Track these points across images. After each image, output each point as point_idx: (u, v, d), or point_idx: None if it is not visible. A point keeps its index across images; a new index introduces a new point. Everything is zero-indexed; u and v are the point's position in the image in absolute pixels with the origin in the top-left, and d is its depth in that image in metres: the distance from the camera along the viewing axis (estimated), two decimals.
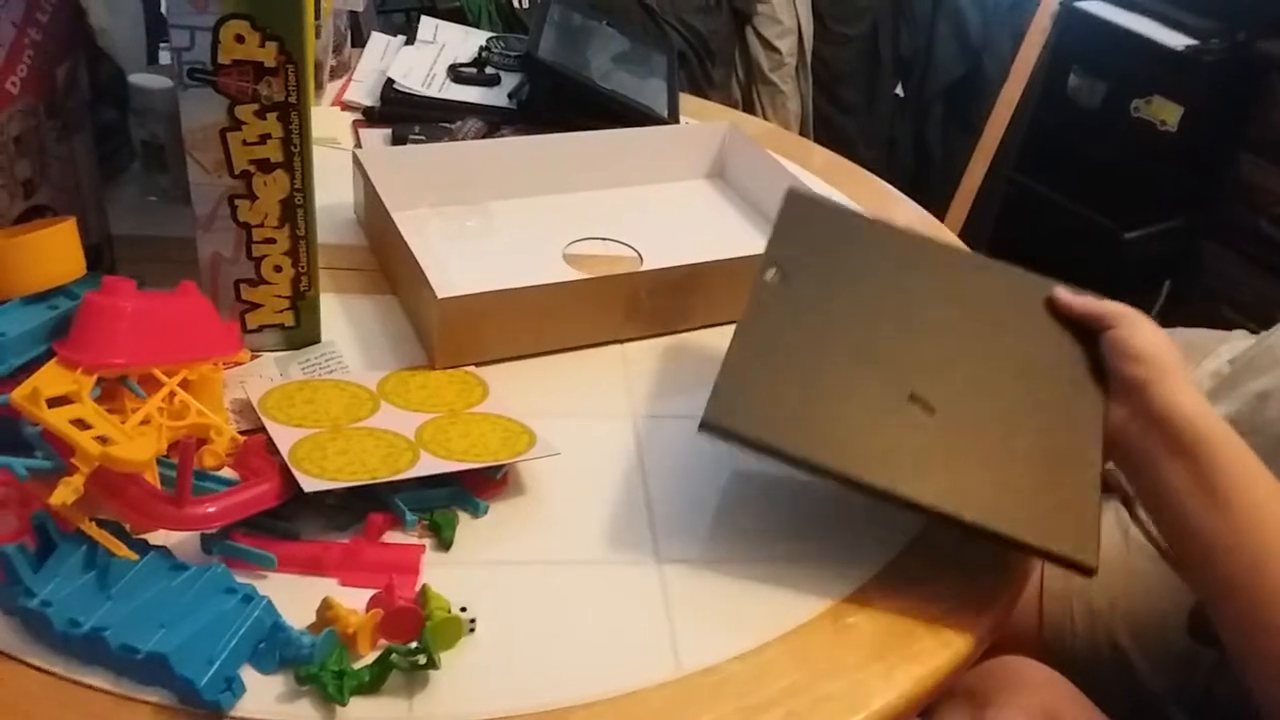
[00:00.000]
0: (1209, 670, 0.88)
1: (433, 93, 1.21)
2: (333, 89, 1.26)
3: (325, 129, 1.16)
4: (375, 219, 0.95)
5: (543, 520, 0.72)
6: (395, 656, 0.58)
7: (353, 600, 0.62)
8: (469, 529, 0.70)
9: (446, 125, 1.16)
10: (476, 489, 0.72)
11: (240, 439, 0.72)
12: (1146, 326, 0.74)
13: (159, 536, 0.64)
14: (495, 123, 1.18)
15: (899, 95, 2.53)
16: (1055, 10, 2.23)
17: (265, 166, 0.75)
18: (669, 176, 1.14)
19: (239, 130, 0.74)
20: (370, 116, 1.21)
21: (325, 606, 0.61)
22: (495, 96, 1.23)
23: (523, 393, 0.81)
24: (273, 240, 0.79)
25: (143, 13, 1.13)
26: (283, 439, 0.70)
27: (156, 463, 0.65)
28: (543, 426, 0.76)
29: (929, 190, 2.38)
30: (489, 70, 1.26)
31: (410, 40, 1.32)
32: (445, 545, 0.69)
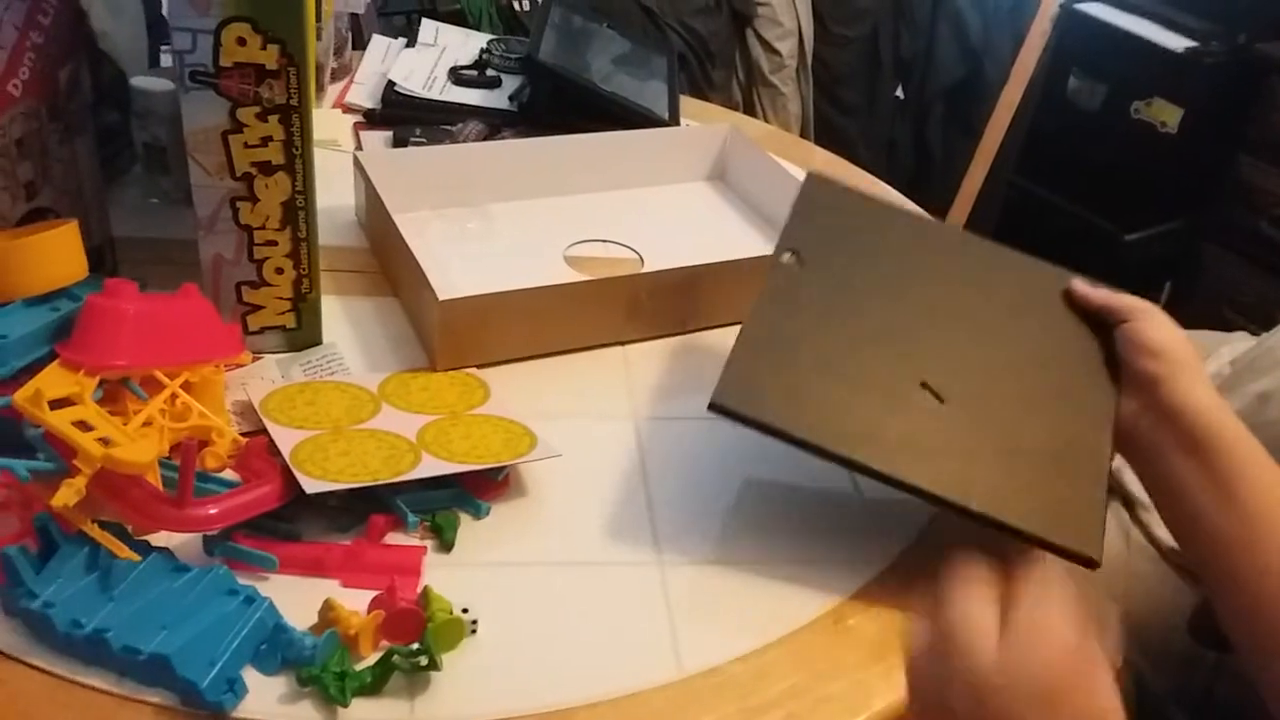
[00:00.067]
0: (1210, 671, 0.88)
1: (433, 95, 1.21)
2: (334, 91, 1.26)
3: (326, 131, 1.16)
4: (376, 221, 0.96)
5: (544, 522, 0.72)
6: (397, 658, 0.59)
7: (354, 602, 0.62)
8: (470, 530, 0.70)
9: (447, 127, 1.17)
10: (478, 490, 0.72)
11: (242, 441, 0.72)
12: (1163, 321, 0.73)
13: (161, 538, 0.65)
14: (496, 125, 1.19)
15: (899, 97, 2.53)
16: (1055, 12, 2.23)
17: (267, 169, 0.76)
18: (670, 178, 1.14)
19: (240, 133, 0.74)
20: (371, 119, 1.21)
21: (327, 608, 0.61)
22: (496, 99, 1.23)
23: (524, 394, 0.81)
24: (274, 242, 0.79)
25: (144, 15, 1.14)
26: (284, 441, 0.70)
27: (158, 464, 0.65)
28: (544, 428, 0.76)
29: (929, 192, 2.38)
30: (489, 73, 1.26)
31: (411, 43, 1.32)
32: (447, 547, 0.69)
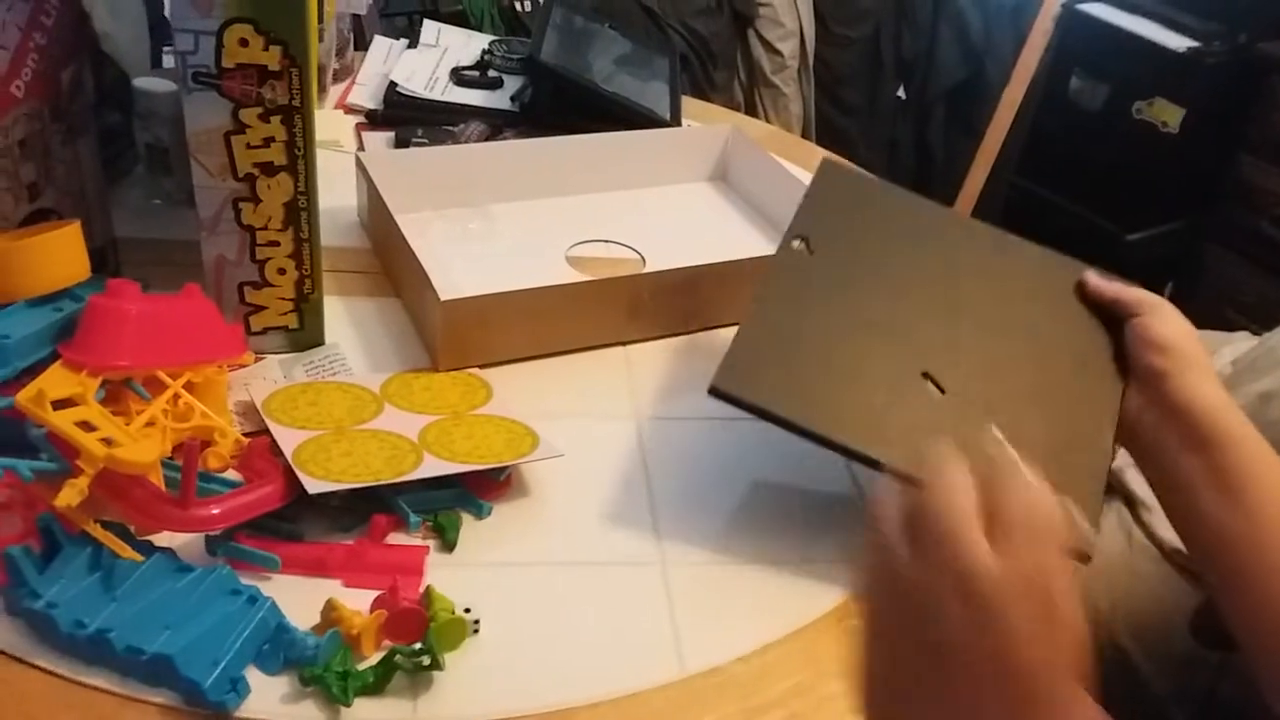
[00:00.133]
0: (1212, 672, 0.88)
1: (435, 96, 1.22)
2: (336, 92, 1.26)
3: (328, 132, 1.16)
4: (378, 222, 0.96)
5: (546, 522, 0.73)
6: (399, 657, 0.59)
7: (357, 601, 0.62)
8: (473, 530, 0.70)
9: (449, 128, 1.17)
10: (480, 490, 0.72)
11: (244, 441, 0.72)
12: (1173, 317, 0.73)
13: (164, 538, 0.65)
14: (498, 125, 1.19)
15: (901, 98, 2.53)
16: (1057, 13, 2.23)
17: (269, 169, 0.76)
18: (671, 179, 1.14)
19: (243, 133, 0.74)
20: (373, 120, 1.21)
21: (330, 608, 0.61)
22: (498, 99, 1.23)
23: (526, 394, 0.81)
24: (276, 243, 0.79)
25: (146, 17, 1.14)
26: (287, 441, 0.70)
27: (161, 465, 0.65)
28: (546, 428, 0.76)
29: (930, 193, 2.36)
30: (491, 73, 1.26)
31: (413, 43, 1.32)
32: (449, 547, 0.69)
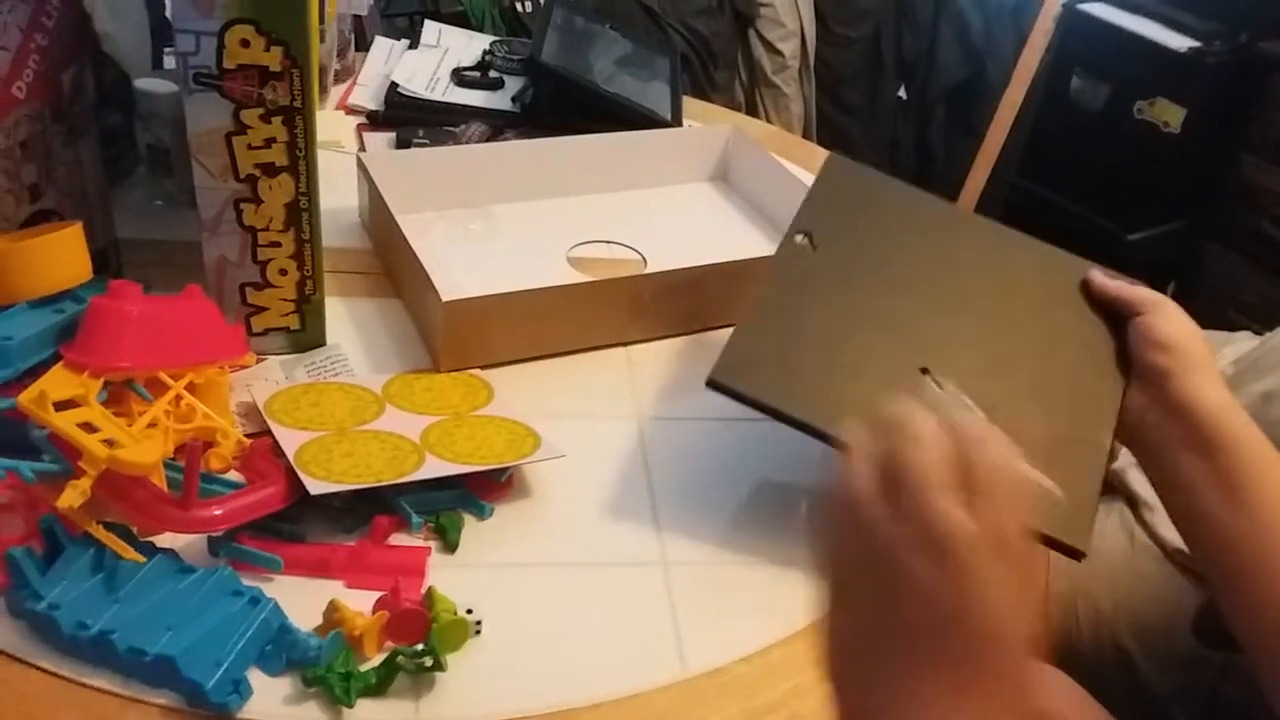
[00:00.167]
0: (1214, 672, 0.88)
1: (436, 96, 1.22)
2: (337, 93, 1.26)
3: (330, 133, 1.16)
4: (380, 222, 0.96)
5: (548, 522, 0.73)
6: (402, 658, 0.59)
7: (359, 602, 0.62)
8: (474, 531, 0.70)
9: (450, 129, 1.17)
10: (482, 491, 0.72)
11: (246, 442, 0.72)
12: (1177, 316, 0.73)
13: (166, 539, 0.65)
14: (499, 126, 1.19)
15: (901, 98, 2.53)
16: (1058, 13, 2.23)
17: (270, 170, 0.76)
18: (672, 179, 1.14)
19: (244, 134, 0.74)
20: (374, 120, 1.21)
21: (332, 609, 0.61)
22: (499, 100, 1.23)
23: (527, 395, 0.81)
24: (278, 244, 0.79)
25: (147, 18, 1.14)
26: (288, 442, 0.70)
27: (163, 466, 0.65)
28: (548, 429, 0.76)
29: (931, 192, 2.38)
30: (492, 74, 1.26)
31: (414, 44, 1.32)
32: (451, 547, 0.69)
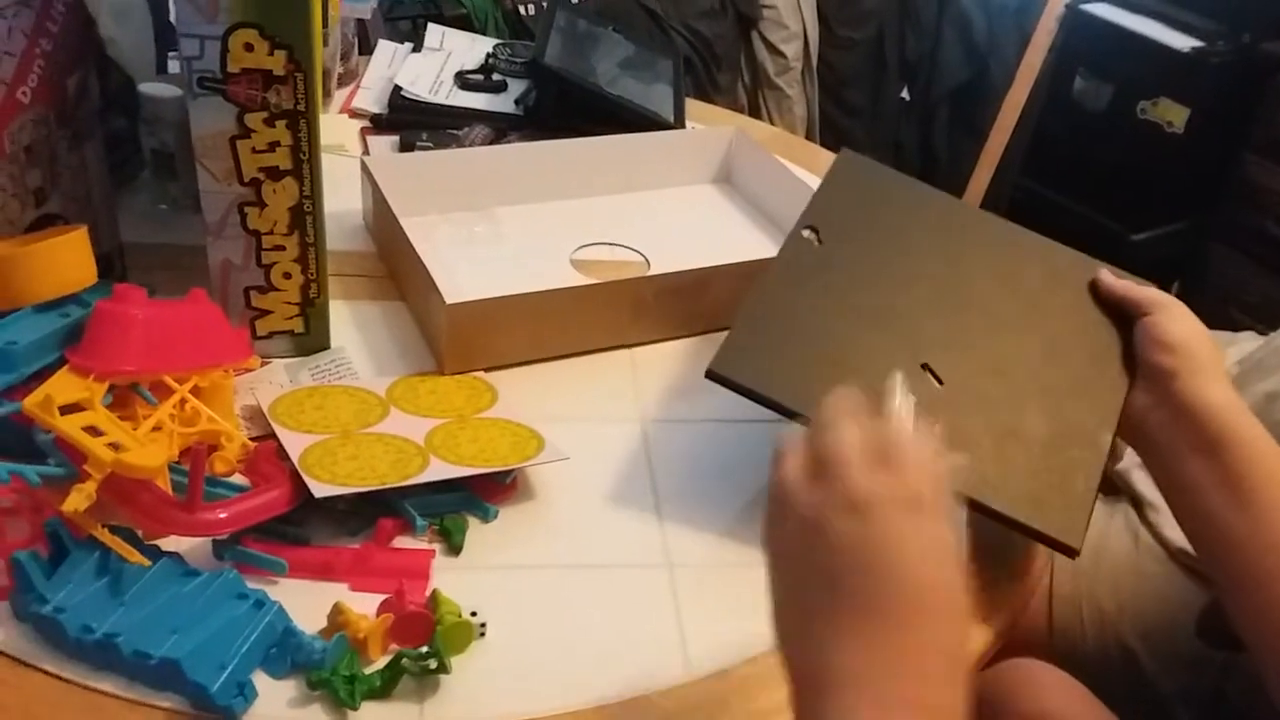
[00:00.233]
0: (1218, 672, 0.88)
1: (440, 100, 1.22)
2: (340, 96, 1.26)
3: (333, 136, 1.16)
4: (383, 225, 0.96)
5: (552, 524, 0.73)
6: (406, 661, 0.59)
7: (363, 605, 0.62)
8: (479, 534, 0.70)
9: (454, 132, 1.17)
10: (486, 494, 0.72)
11: (251, 445, 0.72)
12: (1182, 316, 0.73)
13: (171, 543, 0.65)
14: (502, 129, 1.19)
15: (905, 99, 2.53)
16: (1061, 13, 2.23)
17: (274, 174, 0.76)
18: (675, 181, 1.14)
19: (248, 138, 0.74)
20: (378, 124, 1.21)
21: (336, 611, 0.61)
22: (502, 103, 1.23)
23: (531, 397, 0.81)
24: (282, 247, 0.79)
25: (151, 22, 1.14)
26: (293, 445, 0.71)
27: (168, 469, 0.65)
28: (551, 431, 0.76)
29: None
30: (495, 77, 1.26)
31: (417, 47, 1.32)
32: (455, 550, 0.69)
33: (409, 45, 1.33)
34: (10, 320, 0.70)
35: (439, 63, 1.29)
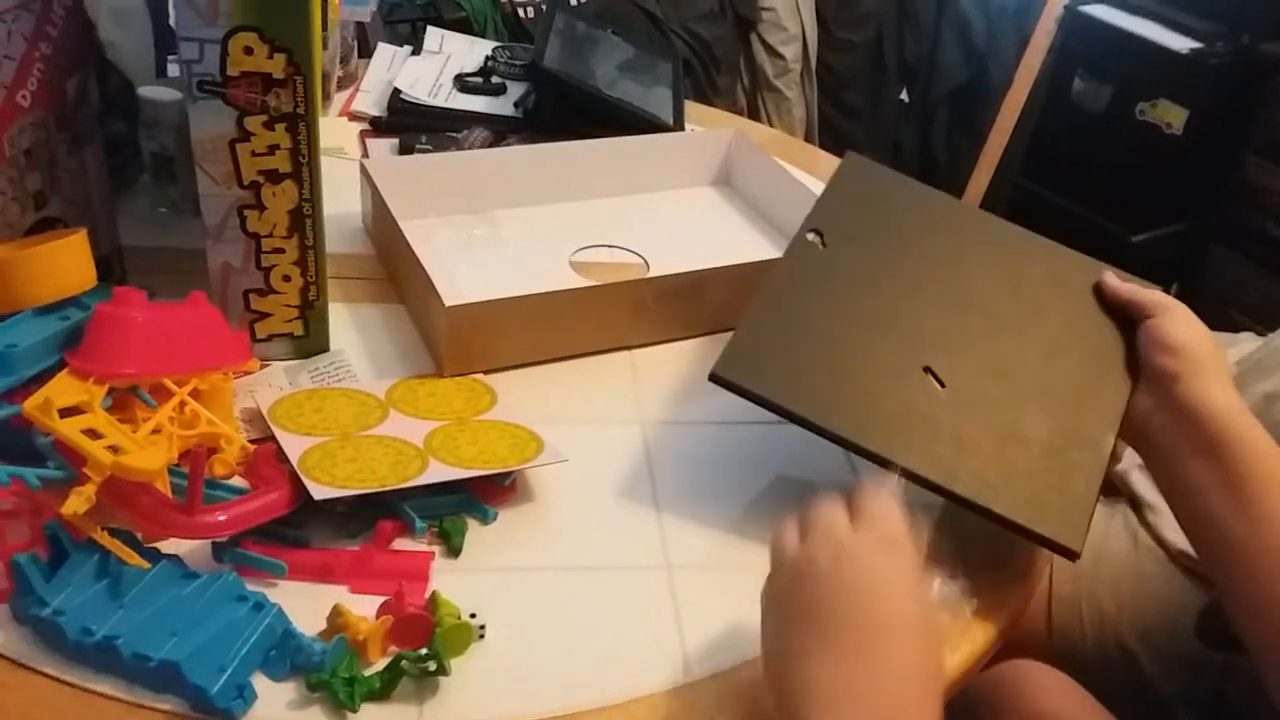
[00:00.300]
0: (1218, 672, 0.88)
1: (439, 102, 1.22)
2: (340, 99, 1.26)
3: (333, 139, 1.16)
4: (383, 228, 0.96)
5: (551, 526, 0.73)
6: (406, 663, 0.59)
7: (363, 607, 0.62)
8: (478, 536, 0.70)
9: (453, 135, 1.17)
10: (485, 496, 0.72)
11: (250, 448, 0.72)
12: (1185, 318, 0.73)
13: (170, 545, 0.65)
14: (501, 132, 1.19)
15: (904, 100, 2.53)
16: (1059, 14, 2.23)
17: (274, 177, 0.76)
18: (675, 184, 1.14)
19: (248, 141, 0.74)
20: (377, 126, 1.22)
21: (336, 613, 0.61)
22: (501, 106, 1.23)
23: (531, 400, 0.81)
24: (281, 250, 0.79)
25: (151, 26, 1.14)
26: (292, 447, 0.71)
27: (168, 472, 0.65)
28: (551, 433, 0.76)
29: None
30: (495, 80, 1.26)
31: (416, 50, 1.32)
32: (455, 552, 0.69)
33: (408, 48, 1.34)
34: (10, 323, 0.70)
35: (438, 66, 1.29)
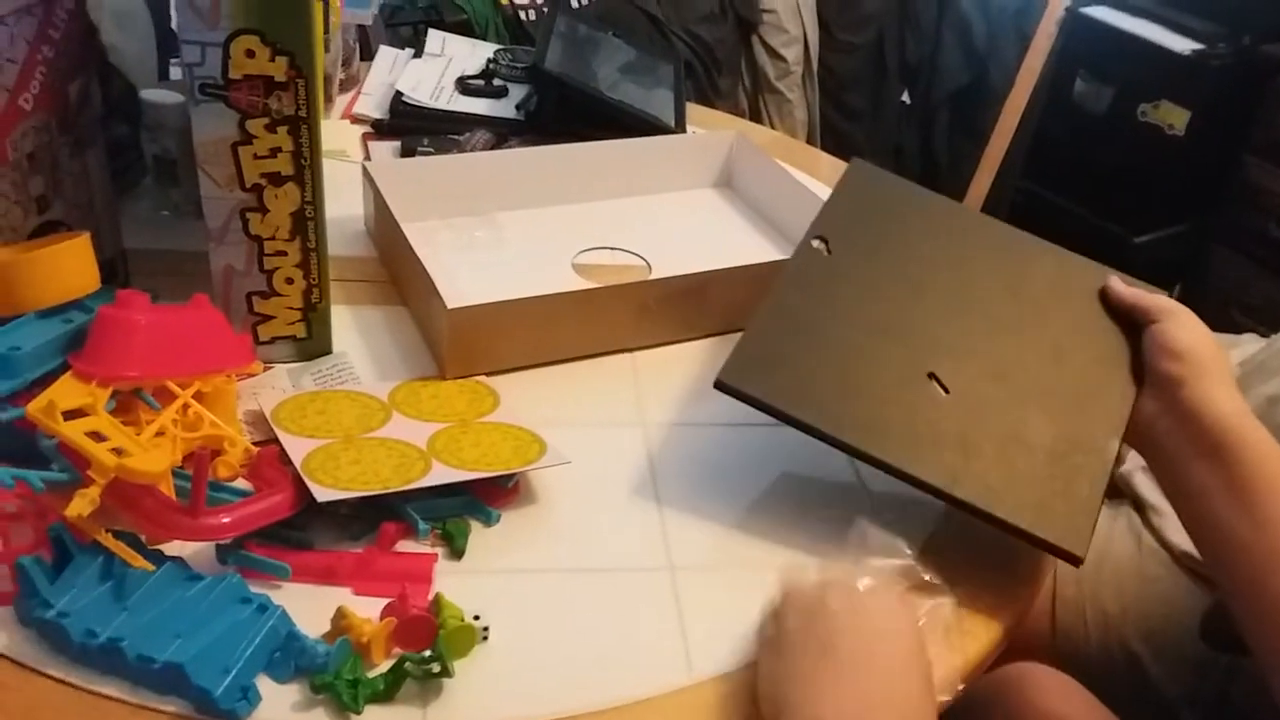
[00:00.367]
0: (1222, 675, 0.88)
1: (441, 105, 1.22)
2: (342, 102, 1.26)
3: (335, 142, 1.16)
4: (385, 231, 0.96)
5: (554, 528, 0.73)
6: (409, 665, 0.59)
7: (366, 609, 0.62)
8: (481, 538, 0.70)
9: (455, 137, 1.17)
10: (488, 498, 0.72)
11: (254, 450, 0.72)
12: (1190, 323, 0.73)
13: (174, 547, 0.65)
14: (503, 134, 1.19)
15: (905, 102, 2.53)
16: (1061, 16, 2.23)
17: (276, 180, 0.76)
18: (676, 186, 1.15)
19: (250, 144, 0.74)
20: (379, 129, 1.22)
21: (339, 615, 0.61)
22: (503, 108, 1.23)
23: (533, 402, 0.81)
24: (284, 253, 0.79)
25: (153, 29, 1.14)
26: (295, 450, 0.71)
27: (171, 474, 0.65)
28: (553, 435, 0.77)
29: None
30: (496, 82, 1.27)
31: (418, 53, 1.32)
32: (458, 554, 0.69)
33: (410, 51, 1.34)
34: (13, 326, 0.70)
35: (440, 68, 1.29)
